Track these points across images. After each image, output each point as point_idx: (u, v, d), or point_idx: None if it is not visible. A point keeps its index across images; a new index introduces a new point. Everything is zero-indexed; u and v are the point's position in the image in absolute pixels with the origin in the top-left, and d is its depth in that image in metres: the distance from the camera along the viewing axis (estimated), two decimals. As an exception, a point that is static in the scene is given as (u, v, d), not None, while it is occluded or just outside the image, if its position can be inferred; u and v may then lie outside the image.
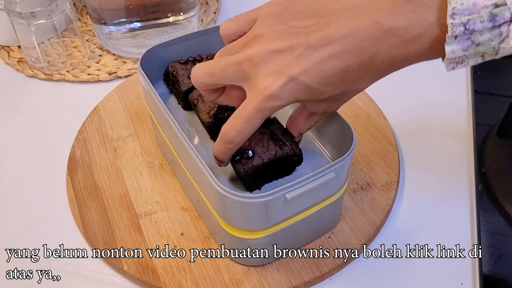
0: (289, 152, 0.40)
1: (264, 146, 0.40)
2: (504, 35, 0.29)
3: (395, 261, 0.44)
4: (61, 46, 0.66)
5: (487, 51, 0.30)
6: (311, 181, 0.36)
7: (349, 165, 0.39)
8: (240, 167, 0.40)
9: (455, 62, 0.31)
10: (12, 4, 0.58)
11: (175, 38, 0.49)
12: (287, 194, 0.36)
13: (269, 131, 0.41)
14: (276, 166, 0.41)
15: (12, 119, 0.59)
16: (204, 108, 0.44)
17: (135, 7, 0.61)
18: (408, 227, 0.47)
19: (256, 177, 0.41)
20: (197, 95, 0.46)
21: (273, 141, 0.40)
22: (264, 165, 0.40)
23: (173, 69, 0.48)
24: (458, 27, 0.29)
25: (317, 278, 0.42)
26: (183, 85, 0.47)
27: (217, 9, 0.73)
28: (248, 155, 0.39)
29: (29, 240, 0.46)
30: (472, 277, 0.43)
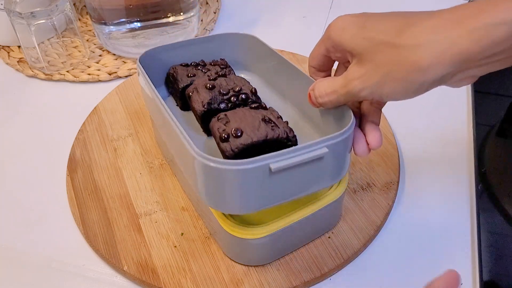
0: (282, 134, 0.37)
1: (255, 127, 0.38)
2: None
3: (395, 261, 0.44)
4: (61, 46, 0.66)
5: None
6: (301, 153, 0.33)
7: (347, 148, 0.36)
8: (227, 145, 0.37)
9: None
10: (12, 4, 0.58)
11: (177, 42, 0.48)
12: (272, 164, 0.32)
13: (262, 115, 0.39)
14: (267, 150, 0.36)
15: (12, 119, 0.59)
16: (198, 97, 0.43)
17: (135, 7, 0.61)
18: (408, 227, 0.47)
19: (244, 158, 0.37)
20: (192, 88, 0.45)
21: (265, 123, 0.38)
22: (253, 145, 0.36)
23: (174, 71, 0.48)
24: None
25: (317, 278, 0.42)
26: (180, 83, 0.47)
27: (217, 9, 0.73)
28: (236, 134, 0.37)
29: (29, 240, 0.46)
30: (472, 277, 0.43)
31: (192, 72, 0.47)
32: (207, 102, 0.42)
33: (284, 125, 0.38)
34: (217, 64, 0.49)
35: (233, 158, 0.36)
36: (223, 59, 0.50)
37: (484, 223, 0.46)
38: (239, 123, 0.38)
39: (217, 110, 0.42)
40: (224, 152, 0.37)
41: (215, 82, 0.43)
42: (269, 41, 0.69)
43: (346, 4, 0.74)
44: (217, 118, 0.40)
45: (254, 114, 0.39)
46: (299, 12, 0.73)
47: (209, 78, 0.44)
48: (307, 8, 0.74)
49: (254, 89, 0.44)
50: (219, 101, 0.42)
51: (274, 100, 0.48)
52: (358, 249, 0.44)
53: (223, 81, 0.44)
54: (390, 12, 0.33)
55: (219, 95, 0.42)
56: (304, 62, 0.62)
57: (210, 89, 0.43)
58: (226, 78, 0.45)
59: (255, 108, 0.40)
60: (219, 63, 0.49)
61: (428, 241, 0.45)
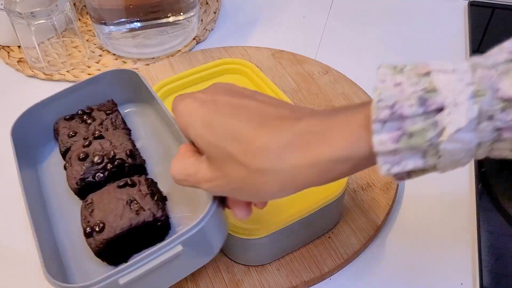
0: (147, 218, 0.36)
1: (117, 215, 0.36)
2: (440, 125, 0.24)
3: (395, 261, 0.44)
4: (61, 46, 0.66)
5: (424, 147, 0.24)
6: (151, 259, 0.31)
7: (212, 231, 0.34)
8: (91, 241, 0.36)
9: (389, 161, 0.25)
10: (12, 4, 0.58)
11: (59, 92, 0.47)
12: (120, 279, 0.30)
13: (127, 195, 0.37)
14: (138, 235, 0.36)
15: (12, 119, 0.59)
16: (71, 173, 0.41)
17: (135, 7, 0.61)
18: (408, 227, 0.47)
19: (115, 251, 0.36)
20: (68, 157, 0.43)
21: (130, 207, 0.36)
22: (117, 236, 0.35)
23: (57, 127, 0.47)
24: (383, 110, 0.25)
25: (317, 278, 0.42)
26: (61, 146, 0.45)
27: (217, 9, 0.73)
28: (99, 228, 0.35)
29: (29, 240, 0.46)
30: (472, 277, 0.43)
31: (74, 129, 0.45)
32: (80, 178, 0.40)
33: (152, 204, 0.37)
34: (103, 110, 0.47)
35: (100, 253, 0.36)
36: (110, 100, 0.48)
37: (484, 223, 0.46)
38: (102, 212, 0.36)
39: (92, 183, 0.40)
40: (90, 247, 0.36)
41: (89, 149, 0.41)
42: (269, 41, 0.69)
43: (346, 4, 0.74)
44: (85, 204, 0.38)
45: (120, 196, 0.37)
46: (299, 12, 0.73)
47: (84, 144, 0.42)
48: (307, 8, 0.74)
49: (130, 150, 0.42)
50: (93, 172, 0.40)
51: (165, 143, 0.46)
52: (358, 249, 0.44)
53: (98, 145, 0.42)
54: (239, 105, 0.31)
55: (92, 166, 0.40)
56: (304, 63, 0.62)
57: (83, 160, 0.41)
58: (101, 141, 0.42)
59: (123, 186, 0.38)
60: (105, 107, 0.47)
61: (428, 241, 0.45)
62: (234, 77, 0.55)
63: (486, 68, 0.24)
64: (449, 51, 0.65)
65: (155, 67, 0.63)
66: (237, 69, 0.55)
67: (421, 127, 0.24)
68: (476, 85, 0.24)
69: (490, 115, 0.24)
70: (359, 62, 0.64)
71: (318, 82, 0.59)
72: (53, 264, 0.36)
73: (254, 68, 0.54)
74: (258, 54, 0.63)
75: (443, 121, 0.24)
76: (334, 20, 0.72)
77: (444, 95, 0.24)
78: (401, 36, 0.68)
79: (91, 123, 0.46)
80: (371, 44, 0.67)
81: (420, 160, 0.25)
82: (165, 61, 0.63)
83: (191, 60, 0.63)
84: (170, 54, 0.65)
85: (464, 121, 0.23)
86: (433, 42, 0.67)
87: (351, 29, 0.70)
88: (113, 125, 0.46)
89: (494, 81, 0.24)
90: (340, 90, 0.58)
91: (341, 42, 0.68)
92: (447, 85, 0.24)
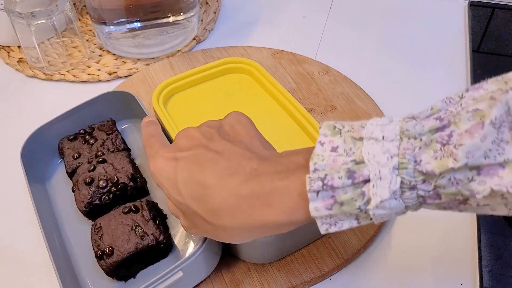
0: (151, 242, 0.41)
1: (124, 240, 0.41)
2: (367, 196, 0.27)
3: (395, 261, 0.44)
4: (61, 46, 0.66)
5: (356, 213, 0.28)
6: (156, 284, 0.37)
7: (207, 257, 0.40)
8: (102, 263, 0.40)
9: (327, 222, 0.28)
10: (12, 4, 0.58)
11: (63, 114, 0.50)
12: None
13: (132, 221, 0.42)
14: (144, 256, 0.41)
15: (12, 119, 0.59)
16: (79, 197, 0.45)
17: (135, 7, 0.61)
18: (408, 227, 0.47)
19: (124, 270, 0.41)
20: (76, 180, 0.46)
21: (135, 232, 0.41)
22: (125, 259, 0.40)
23: (61, 147, 0.50)
24: (316, 182, 0.27)
25: (317, 278, 0.42)
26: (67, 167, 0.49)
27: (217, 9, 0.73)
28: (108, 251, 0.40)
29: (29, 240, 0.46)
30: (472, 277, 0.43)
31: (78, 151, 0.49)
32: (87, 202, 0.44)
33: (155, 229, 0.41)
34: (103, 130, 0.51)
35: (110, 273, 0.41)
36: (110, 119, 0.52)
37: (484, 223, 0.46)
38: (111, 237, 0.41)
39: (99, 206, 0.45)
40: (102, 268, 0.41)
41: (94, 173, 0.46)
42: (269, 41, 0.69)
43: (346, 4, 0.74)
44: (94, 228, 0.43)
45: (125, 222, 0.42)
46: (299, 12, 0.73)
47: (88, 169, 0.46)
48: (307, 8, 0.74)
49: (131, 174, 0.46)
50: (99, 195, 0.45)
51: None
52: (358, 249, 0.44)
53: (102, 169, 0.46)
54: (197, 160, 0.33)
55: (98, 190, 0.45)
56: (304, 62, 0.62)
57: (89, 184, 0.45)
58: (104, 165, 0.46)
59: (127, 212, 0.42)
60: (105, 128, 0.51)
61: (428, 241, 0.45)
62: (238, 76, 0.55)
63: (412, 138, 0.26)
64: (449, 51, 0.65)
65: (155, 67, 0.63)
66: (240, 68, 0.55)
67: (350, 197, 0.27)
68: (400, 157, 0.26)
69: (412, 185, 0.26)
70: (359, 62, 0.64)
71: (318, 82, 0.59)
72: (68, 279, 0.40)
73: (258, 66, 0.54)
74: (258, 54, 0.64)
75: (369, 192, 0.26)
76: (334, 20, 0.72)
77: (370, 168, 0.26)
78: (401, 36, 0.68)
79: (93, 143, 0.50)
80: (371, 44, 0.67)
81: (354, 221, 0.28)
82: (165, 61, 0.63)
83: (191, 60, 0.63)
84: (170, 54, 0.65)
85: (387, 193, 0.26)
86: (433, 42, 0.67)
87: (351, 29, 0.70)
88: (113, 145, 0.50)
89: (416, 153, 0.26)
90: (340, 90, 0.58)
91: (341, 42, 0.68)
92: (373, 158, 0.26)
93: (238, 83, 0.55)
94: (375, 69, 0.63)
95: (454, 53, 0.65)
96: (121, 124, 0.54)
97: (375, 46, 0.67)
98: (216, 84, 0.55)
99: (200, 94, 0.54)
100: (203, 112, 0.51)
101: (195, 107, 0.52)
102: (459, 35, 0.68)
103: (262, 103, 0.52)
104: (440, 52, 0.65)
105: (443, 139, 0.25)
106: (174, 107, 0.52)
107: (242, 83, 0.55)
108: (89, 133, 0.51)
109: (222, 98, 0.53)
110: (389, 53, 0.66)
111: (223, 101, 0.53)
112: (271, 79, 0.52)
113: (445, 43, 0.67)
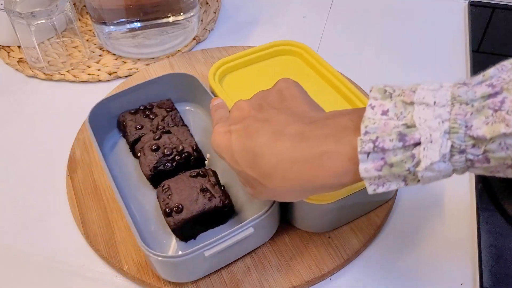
0: (218, 204, 0.43)
1: (193, 199, 0.43)
2: (417, 158, 0.27)
3: (395, 261, 0.44)
4: (61, 46, 0.66)
5: (404, 174, 0.28)
6: (229, 237, 0.39)
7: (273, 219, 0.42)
8: (170, 220, 0.42)
9: (375, 183, 0.29)
10: (12, 4, 0.58)
11: (124, 90, 0.53)
12: (205, 251, 0.38)
13: (200, 184, 0.44)
14: (208, 217, 0.43)
15: (12, 119, 0.59)
16: (145, 161, 0.47)
17: (135, 7, 0.61)
18: (408, 227, 0.47)
19: (188, 229, 0.43)
20: (140, 147, 0.49)
21: (203, 194, 0.43)
22: (193, 217, 0.42)
23: (123, 120, 0.52)
24: (367, 144, 0.28)
25: (317, 278, 0.42)
26: (130, 136, 0.51)
27: (217, 9, 0.73)
28: (178, 209, 0.42)
29: (29, 240, 0.46)
30: (472, 277, 0.43)
31: (140, 123, 0.52)
32: (153, 166, 0.47)
33: (221, 192, 0.44)
34: (163, 107, 0.53)
35: (176, 230, 0.43)
36: (169, 99, 0.55)
37: (484, 223, 0.46)
38: (180, 196, 0.43)
39: (162, 171, 0.47)
40: (168, 225, 0.43)
41: (159, 142, 0.48)
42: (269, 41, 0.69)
43: (346, 4, 0.74)
44: (161, 189, 0.45)
45: (193, 185, 0.44)
46: (299, 12, 0.73)
47: (154, 137, 0.49)
48: (307, 8, 0.74)
49: (195, 145, 0.49)
50: (164, 162, 0.47)
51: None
52: (358, 249, 0.44)
53: (167, 139, 0.48)
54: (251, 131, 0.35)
55: (163, 157, 0.47)
56: (304, 62, 0.62)
57: (155, 151, 0.48)
58: (169, 135, 0.49)
59: (195, 176, 0.45)
60: (165, 105, 0.53)
61: (428, 240, 0.45)
62: (287, 58, 0.56)
63: (464, 103, 0.27)
64: (449, 51, 0.65)
65: (155, 67, 0.63)
66: (290, 50, 0.56)
67: (400, 159, 0.28)
68: (452, 122, 0.27)
69: (462, 149, 0.27)
70: (359, 62, 0.64)
71: (318, 82, 0.59)
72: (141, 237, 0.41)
73: (307, 49, 0.55)
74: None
75: (419, 155, 0.27)
76: (334, 20, 0.72)
77: (421, 132, 0.27)
78: (401, 36, 0.68)
79: (153, 118, 0.52)
80: (371, 44, 0.67)
81: (402, 183, 0.29)
82: (165, 61, 0.63)
83: (191, 60, 0.63)
84: (170, 54, 0.65)
85: (437, 156, 0.27)
86: (433, 42, 0.67)
87: (351, 29, 0.70)
88: (173, 121, 0.52)
89: (467, 119, 0.27)
90: (340, 90, 0.58)
91: (341, 42, 0.68)
92: (425, 122, 0.27)
93: (288, 64, 0.56)
94: (375, 69, 0.63)
95: (454, 53, 0.65)
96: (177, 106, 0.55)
97: (375, 46, 0.67)
98: (267, 65, 0.56)
99: (252, 74, 0.55)
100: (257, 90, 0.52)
101: (248, 85, 0.53)
102: (459, 35, 0.68)
103: (313, 84, 0.52)
104: (440, 52, 0.65)
105: (495, 105, 0.26)
106: (228, 86, 0.54)
107: (292, 65, 0.55)
108: (149, 109, 0.53)
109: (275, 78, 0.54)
110: (389, 53, 0.66)
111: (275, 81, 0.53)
112: (321, 61, 0.53)
113: (445, 43, 0.67)
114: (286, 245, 0.44)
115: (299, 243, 0.44)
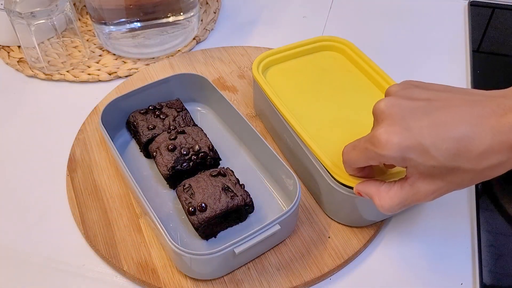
0: (240, 202, 0.43)
1: (216, 198, 0.43)
2: None
3: (394, 261, 0.44)
4: (61, 46, 0.66)
5: None
6: (258, 234, 0.40)
7: (295, 215, 0.43)
8: (194, 219, 0.43)
9: None
10: (12, 4, 0.58)
11: (135, 89, 0.53)
12: (235, 248, 0.39)
13: (222, 183, 0.44)
14: (229, 215, 0.44)
15: (12, 119, 0.59)
16: (162, 161, 0.47)
17: (135, 7, 0.61)
18: (408, 227, 0.47)
19: (211, 227, 0.44)
20: (155, 147, 0.49)
21: (225, 193, 0.44)
22: (216, 216, 0.43)
23: (134, 120, 0.52)
24: None
25: (317, 278, 0.42)
26: (143, 137, 0.51)
27: (217, 9, 0.73)
28: (201, 208, 0.43)
29: (29, 240, 0.46)
30: (472, 277, 0.43)
31: (152, 123, 0.51)
32: (171, 166, 0.47)
33: (242, 191, 0.44)
34: (173, 107, 0.53)
35: (199, 228, 0.43)
36: (178, 99, 0.54)
37: (484, 223, 0.46)
38: (202, 195, 0.44)
39: (180, 171, 0.47)
40: (193, 224, 0.43)
41: (175, 142, 0.48)
42: (269, 41, 0.69)
43: (346, 4, 0.74)
44: (182, 188, 0.45)
45: (215, 184, 0.44)
46: (299, 12, 0.73)
47: (170, 137, 0.49)
48: (307, 8, 0.74)
49: (211, 145, 0.49)
50: (181, 161, 0.47)
51: (227, 139, 0.54)
52: (358, 249, 0.44)
53: (183, 139, 0.49)
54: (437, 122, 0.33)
55: (180, 156, 0.47)
56: (304, 62, 0.62)
57: (172, 150, 0.48)
58: (185, 135, 0.49)
59: (215, 176, 0.45)
60: (174, 105, 0.53)
61: (428, 240, 0.45)
62: (330, 53, 0.56)
63: None
64: (449, 51, 0.65)
65: (155, 67, 0.63)
66: (333, 46, 0.56)
67: None
68: None
69: None
70: (359, 62, 0.64)
71: (318, 82, 0.59)
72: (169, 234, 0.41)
73: (350, 45, 0.55)
74: (258, 54, 0.63)
75: None
76: (334, 20, 0.72)
77: None
78: (401, 36, 0.69)
79: (164, 118, 0.52)
80: (371, 44, 0.67)
81: None
82: (165, 61, 0.64)
83: (191, 60, 0.63)
84: (170, 54, 0.65)
85: None
86: (433, 41, 0.67)
87: (351, 29, 0.70)
88: (184, 121, 0.52)
89: None
90: (340, 90, 0.58)
91: (341, 42, 0.68)
92: None
93: (331, 59, 0.56)
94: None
95: (454, 53, 0.65)
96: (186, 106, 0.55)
97: (375, 46, 0.67)
98: (310, 60, 0.56)
99: (295, 68, 0.55)
100: (300, 84, 0.53)
101: (291, 79, 0.53)
102: (459, 35, 0.68)
103: (356, 79, 0.53)
104: (440, 52, 0.65)
105: None
106: (272, 78, 0.54)
107: (335, 60, 0.55)
108: (158, 109, 0.53)
109: (317, 73, 0.54)
110: (389, 53, 0.66)
111: (318, 75, 0.54)
112: (365, 57, 0.53)
113: (445, 43, 0.67)
114: (286, 245, 0.44)
115: (299, 243, 0.45)
